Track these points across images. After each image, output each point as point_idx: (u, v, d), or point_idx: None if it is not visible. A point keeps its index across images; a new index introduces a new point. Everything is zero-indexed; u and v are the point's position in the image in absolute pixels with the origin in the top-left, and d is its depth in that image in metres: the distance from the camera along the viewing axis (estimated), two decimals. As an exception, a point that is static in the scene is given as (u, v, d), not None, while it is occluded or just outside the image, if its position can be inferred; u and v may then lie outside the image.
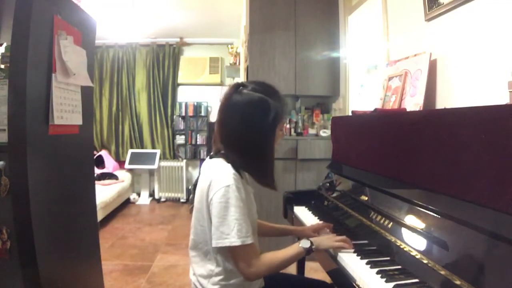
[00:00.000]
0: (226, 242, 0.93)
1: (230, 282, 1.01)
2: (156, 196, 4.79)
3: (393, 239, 1.01)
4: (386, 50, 2.00)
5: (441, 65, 1.50)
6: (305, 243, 1.05)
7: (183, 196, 4.75)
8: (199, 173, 1.12)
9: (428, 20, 1.56)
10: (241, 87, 1.04)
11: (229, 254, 0.98)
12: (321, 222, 1.39)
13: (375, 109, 1.54)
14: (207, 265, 1.03)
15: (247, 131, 1.01)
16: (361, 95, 2.61)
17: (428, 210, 0.94)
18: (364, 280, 0.89)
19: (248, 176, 1.11)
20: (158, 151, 4.72)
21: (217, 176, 0.98)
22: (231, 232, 0.92)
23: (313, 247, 1.05)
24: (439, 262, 0.82)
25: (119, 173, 4.52)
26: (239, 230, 0.93)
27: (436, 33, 1.52)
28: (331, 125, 2.01)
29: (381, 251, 1.03)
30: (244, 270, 0.96)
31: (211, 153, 1.12)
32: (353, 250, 1.06)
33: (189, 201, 4.62)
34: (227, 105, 1.04)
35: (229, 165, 1.01)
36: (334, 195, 1.57)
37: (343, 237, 1.10)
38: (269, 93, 1.04)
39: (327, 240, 1.10)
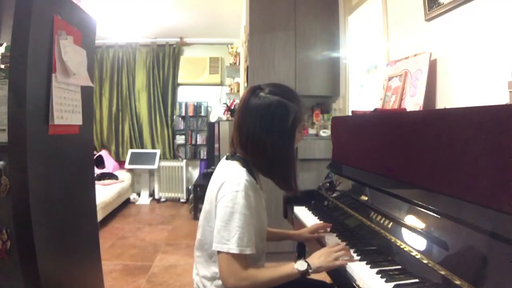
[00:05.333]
0: (224, 248, 0.91)
1: None
2: (156, 196, 4.79)
3: (393, 239, 1.01)
4: (386, 50, 2.00)
5: (441, 65, 1.50)
6: (301, 265, 0.96)
7: (183, 196, 4.75)
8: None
9: (428, 20, 1.56)
10: (257, 90, 1.03)
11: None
12: (319, 222, 1.38)
13: (375, 109, 1.54)
14: (212, 267, 1.02)
15: (266, 134, 0.99)
16: (361, 95, 2.61)
17: (428, 210, 0.94)
18: (364, 280, 0.89)
19: (263, 181, 1.08)
20: (158, 151, 4.72)
21: (229, 180, 0.96)
22: (231, 239, 0.90)
23: (310, 270, 0.96)
24: (439, 262, 0.82)
25: (119, 173, 4.52)
26: (240, 238, 0.90)
27: (436, 33, 1.52)
28: (331, 125, 2.01)
29: (381, 251, 1.03)
30: (225, 278, 0.91)
31: (228, 154, 1.11)
32: (353, 251, 1.06)
33: (189, 201, 4.62)
34: (244, 108, 1.03)
35: (243, 170, 0.99)
36: (334, 195, 1.57)
37: (341, 246, 1.04)
38: (286, 96, 1.02)
39: (326, 258, 0.99)
